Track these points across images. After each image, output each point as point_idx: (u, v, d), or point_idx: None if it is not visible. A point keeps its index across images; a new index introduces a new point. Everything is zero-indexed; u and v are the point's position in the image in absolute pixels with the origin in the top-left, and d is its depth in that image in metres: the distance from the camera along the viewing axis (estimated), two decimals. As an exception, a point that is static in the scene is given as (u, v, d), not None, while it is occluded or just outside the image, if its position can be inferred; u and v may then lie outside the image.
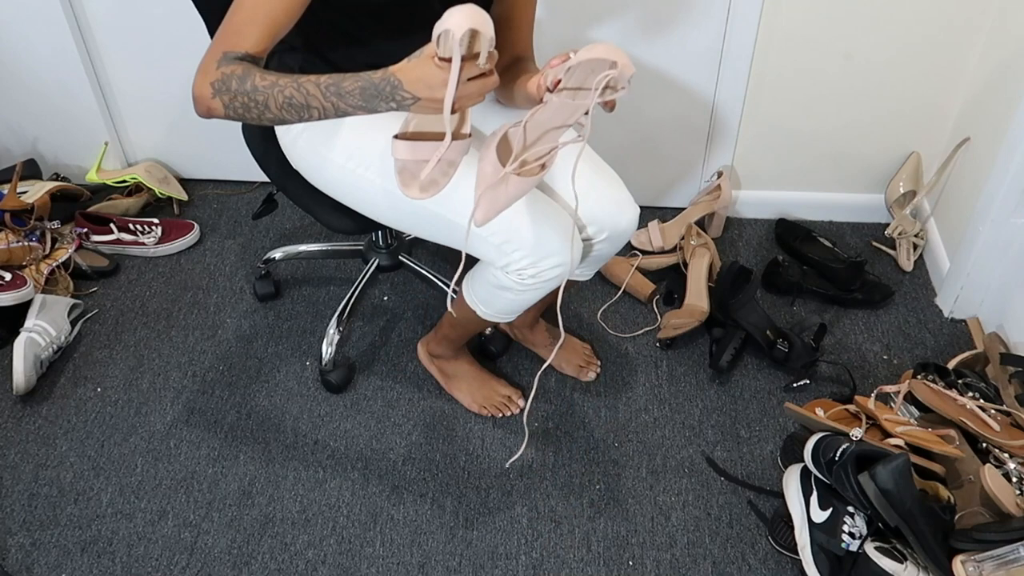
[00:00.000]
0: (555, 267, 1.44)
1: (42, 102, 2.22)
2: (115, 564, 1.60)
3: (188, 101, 2.20)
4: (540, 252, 1.42)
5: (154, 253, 2.18)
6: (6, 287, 1.92)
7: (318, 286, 2.11)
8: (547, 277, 1.45)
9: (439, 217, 1.45)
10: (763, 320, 1.91)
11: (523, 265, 1.43)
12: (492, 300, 1.55)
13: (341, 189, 1.53)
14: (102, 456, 1.76)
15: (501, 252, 1.44)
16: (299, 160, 1.56)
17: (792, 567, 1.59)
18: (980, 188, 1.89)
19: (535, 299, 1.52)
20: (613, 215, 1.53)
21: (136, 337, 1.99)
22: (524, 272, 1.44)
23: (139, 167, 2.29)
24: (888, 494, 1.43)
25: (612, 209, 1.52)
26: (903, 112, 2.07)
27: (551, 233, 1.42)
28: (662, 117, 2.13)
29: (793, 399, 1.85)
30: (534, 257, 1.42)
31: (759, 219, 2.28)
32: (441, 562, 1.60)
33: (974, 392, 1.70)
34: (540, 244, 1.42)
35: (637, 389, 1.88)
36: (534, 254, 1.42)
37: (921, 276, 2.13)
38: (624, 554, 1.61)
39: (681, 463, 1.75)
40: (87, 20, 2.09)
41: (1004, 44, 1.86)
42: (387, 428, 1.81)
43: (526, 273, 1.44)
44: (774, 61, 1.99)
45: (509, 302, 1.53)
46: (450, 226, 1.45)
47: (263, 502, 1.69)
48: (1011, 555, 1.39)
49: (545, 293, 1.50)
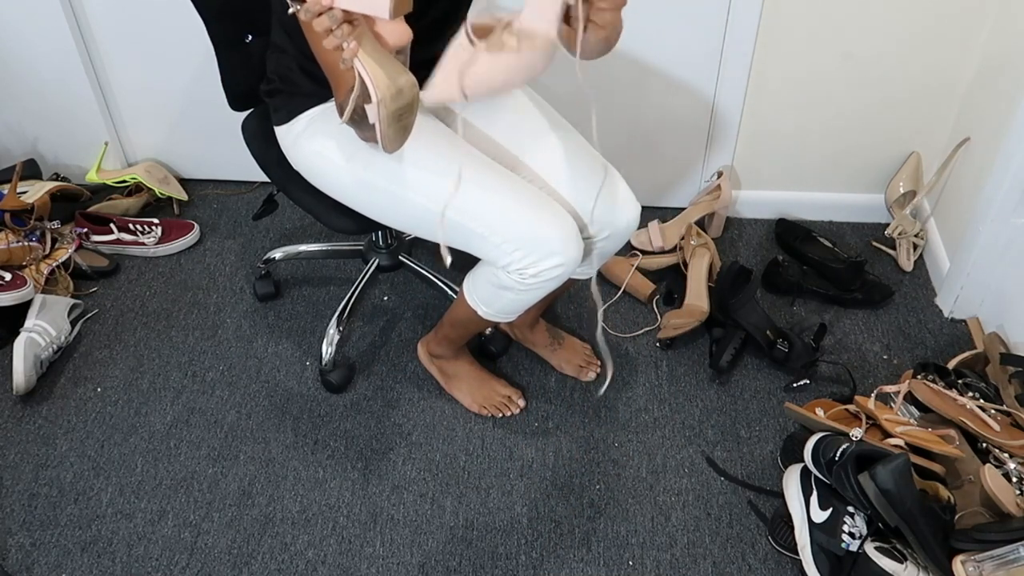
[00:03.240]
0: (556, 267, 1.44)
1: (42, 102, 2.22)
2: (115, 564, 1.60)
3: (188, 101, 2.23)
4: (541, 251, 1.42)
5: (154, 253, 2.18)
6: (6, 287, 1.92)
7: (318, 286, 2.11)
8: (548, 277, 1.45)
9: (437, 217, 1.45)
10: (763, 320, 1.91)
11: (524, 265, 1.43)
12: (493, 300, 1.55)
13: (341, 190, 1.53)
14: (102, 456, 1.76)
15: (501, 252, 1.44)
16: (300, 161, 1.56)
17: (792, 567, 1.59)
18: (980, 188, 1.89)
19: (537, 298, 1.52)
20: (614, 213, 1.53)
21: (136, 337, 1.99)
22: (525, 272, 1.44)
23: (139, 167, 2.29)
24: (888, 494, 1.43)
25: (613, 207, 1.53)
26: (903, 112, 2.07)
27: (552, 232, 1.42)
28: (662, 117, 2.13)
29: (793, 399, 1.85)
30: (535, 256, 1.42)
31: (759, 219, 2.28)
32: (441, 562, 1.60)
33: (974, 392, 1.70)
34: (541, 243, 1.42)
35: (637, 389, 1.88)
36: (535, 253, 1.42)
37: (921, 276, 2.13)
38: (624, 554, 1.61)
39: (681, 463, 1.75)
40: (87, 20, 2.09)
41: (1004, 44, 1.86)
42: (387, 428, 1.81)
43: (527, 273, 1.44)
44: (774, 61, 1.99)
45: (510, 302, 1.53)
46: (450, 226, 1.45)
47: (263, 502, 1.69)
48: (1011, 555, 1.39)
49: (547, 292, 1.50)
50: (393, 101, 1.18)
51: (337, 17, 1.09)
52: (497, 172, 1.48)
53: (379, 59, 1.15)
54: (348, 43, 1.11)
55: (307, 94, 1.51)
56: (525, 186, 1.47)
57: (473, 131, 1.58)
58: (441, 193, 1.44)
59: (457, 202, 1.43)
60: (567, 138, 1.56)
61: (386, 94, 1.16)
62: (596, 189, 1.51)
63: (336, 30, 1.10)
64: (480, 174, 1.46)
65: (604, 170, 1.54)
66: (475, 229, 1.44)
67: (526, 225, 1.42)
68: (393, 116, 1.20)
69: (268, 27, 1.53)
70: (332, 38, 1.10)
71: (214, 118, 2.21)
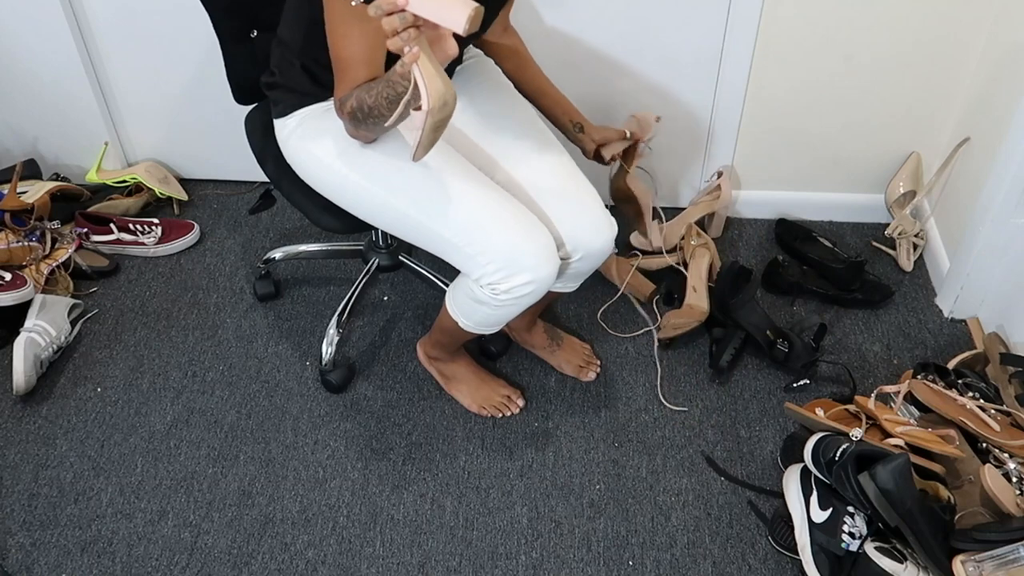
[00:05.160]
0: (527, 283, 1.44)
1: (42, 102, 2.22)
2: (115, 564, 1.60)
3: (188, 101, 2.23)
4: (513, 267, 1.43)
5: (154, 253, 2.18)
6: (6, 287, 1.92)
7: (318, 286, 2.11)
8: (519, 293, 1.45)
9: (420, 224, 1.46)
10: (763, 320, 1.91)
11: (496, 279, 1.44)
12: (471, 313, 1.56)
13: (328, 188, 1.54)
14: (102, 456, 1.76)
15: (475, 263, 1.44)
16: (292, 156, 1.57)
17: (792, 567, 1.59)
18: (980, 188, 1.89)
19: (512, 315, 1.53)
20: (589, 236, 1.54)
21: (136, 337, 1.99)
22: (497, 287, 1.45)
23: (139, 167, 2.29)
24: (888, 494, 1.43)
25: (589, 230, 1.54)
26: (903, 112, 2.07)
27: (527, 247, 1.43)
28: (662, 117, 2.13)
29: (793, 399, 1.85)
30: (507, 272, 1.43)
31: (759, 219, 2.28)
32: (441, 562, 1.60)
33: (974, 392, 1.70)
34: (514, 259, 1.42)
35: (637, 389, 1.88)
36: (507, 268, 1.43)
37: (921, 276, 2.13)
38: (624, 554, 1.61)
39: (681, 463, 1.75)
40: (87, 20, 2.09)
41: (1004, 44, 1.86)
42: (387, 428, 1.81)
43: (499, 288, 1.45)
44: (774, 61, 1.99)
45: (486, 316, 1.54)
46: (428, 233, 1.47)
47: (263, 502, 1.69)
48: (1011, 555, 1.39)
49: (521, 309, 1.51)
50: (440, 111, 1.19)
51: (408, 20, 1.09)
52: (480, 183, 1.48)
53: (436, 68, 1.17)
54: (411, 47, 1.12)
55: (304, 92, 1.52)
56: (507, 199, 1.48)
57: (465, 139, 1.59)
58: (422, 199, 1.45)
59: (437, 210, 1.44)
60: (558, 159, 1.57)
61: (436, 104, 1.17)
62: (573, 210, 1.53)
63: (403, 32, 1.10)
64: (463, 183, 1.46)
65: (583, 190, 1.55)
66: (451, 239, 1.45)
67: (501, 238, 1.42)
68: (434, 126, 1.22)
69: (273, 22, 1.53)
70: (397, 39, 1.11)
71: (214, 118, 2.22)
